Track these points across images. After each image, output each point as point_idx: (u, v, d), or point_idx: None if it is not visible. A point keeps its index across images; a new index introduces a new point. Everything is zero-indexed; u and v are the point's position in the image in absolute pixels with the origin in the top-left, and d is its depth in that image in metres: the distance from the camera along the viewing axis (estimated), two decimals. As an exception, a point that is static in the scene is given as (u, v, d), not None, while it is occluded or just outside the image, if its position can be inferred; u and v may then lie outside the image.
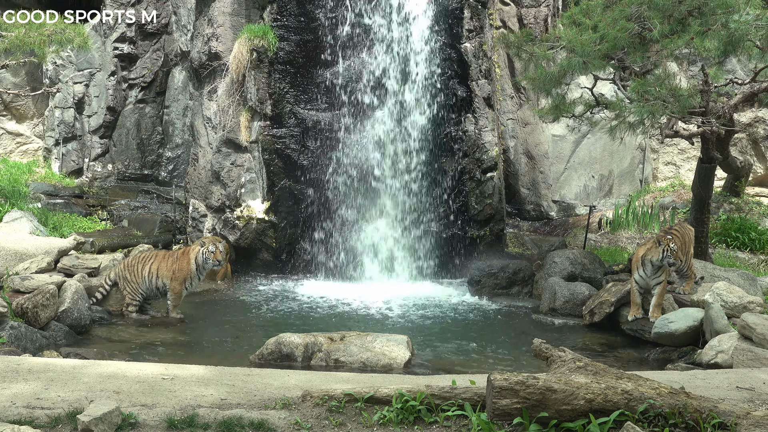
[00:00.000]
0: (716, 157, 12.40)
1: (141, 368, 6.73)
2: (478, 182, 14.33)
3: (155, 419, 5.36)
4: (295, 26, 14.22)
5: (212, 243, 10.77)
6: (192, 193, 14.89)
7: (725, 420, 5.13)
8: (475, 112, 14.38)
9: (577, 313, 11.25)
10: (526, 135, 17.49)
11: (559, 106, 12.51)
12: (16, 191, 14.77)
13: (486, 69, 14.59)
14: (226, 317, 11.09)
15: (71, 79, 17.98)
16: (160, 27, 18.18)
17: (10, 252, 11.39)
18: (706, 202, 12.49)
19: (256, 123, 14.08)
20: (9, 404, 5.44)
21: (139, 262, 10.82)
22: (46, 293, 9.16)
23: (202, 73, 14.96)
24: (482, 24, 14.66)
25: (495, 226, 14.63)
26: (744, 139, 17.72)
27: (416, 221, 14.29)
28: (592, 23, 11.14)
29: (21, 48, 13.11)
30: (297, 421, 5.45)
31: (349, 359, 8.48)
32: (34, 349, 8.39)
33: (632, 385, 5.32)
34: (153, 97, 18.33)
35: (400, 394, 5.62)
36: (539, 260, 13.67)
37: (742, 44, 9.92)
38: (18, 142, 18.66)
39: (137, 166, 18.23)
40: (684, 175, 18.22)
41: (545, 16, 17.15)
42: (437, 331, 10.69)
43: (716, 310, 9.06)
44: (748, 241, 14.51)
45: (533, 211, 17.54)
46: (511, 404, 5.06)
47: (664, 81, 10.49)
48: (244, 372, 6.88)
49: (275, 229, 14.07)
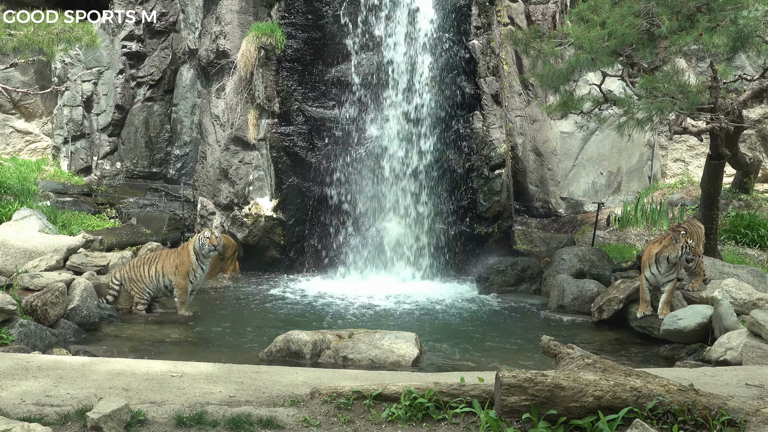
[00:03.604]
0: (725, 153, 12.35)
1: (150, 365, 6.74)
2: (486, 179, 14.31)
3: (164, 416, 5.37)
4: (302, 24, 14.22)
5: (207, 229, 10.96)
6: (200, 190, 14.92)
7: (734, 417, 5.11)
8: (483, 109, 14.36)
9: (586, 311, 11.22)
10: (534, 132, 17.45)
11: (567, 103, 12.47)
12: (25, 189, 14.81)
13: (494, 66, 14.57)
14: (235, 315, 11.11)
15: (80, 78, 18.02)
16: (168, 25, 18.20)
17: (19, 250, 11.43)
18: (715, 199, 12.44)
19: (264, 121, 14.09)
20: (19, 401, 5.46)
21: (144, 263, 10.89)
22: (55, 291, 9.19)
23: (210, 71, 14.98)
24: (490, 21, 14.64)
25: (503, 223, 14.62)
26: (753, 136, 17.64)
27: (424, 218, 14.28)
28: (600, 20, 11.10)
29: (30, 46, 13.12)
30: (305, 419, 5.46)
31: (357, 356, 8.49)
32: (44, 347, 8.41)
33: (641, 382, 5.31)
34: (161, 95, 18.35)
35: (409, 391, 5.62)
36: (547, 257, 13.65)
37: (751, 40, 9.88)
38: (27, 140, 18.72)
39: (146, 164, 18.26)
40: (693, 172, 18.16)
41: (553, 13, 17.11)
42: (445, 328, 10.69)
43: (725, 307, 9.03)
44: (758, 237, 14.46)
45: (541, 208, 17.51)
46: (519, 401, 5.06)
47: (672, 77, 10.45)
48: (253, 369, 6.89)
49: (283, 226, 14.09)
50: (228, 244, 13.29)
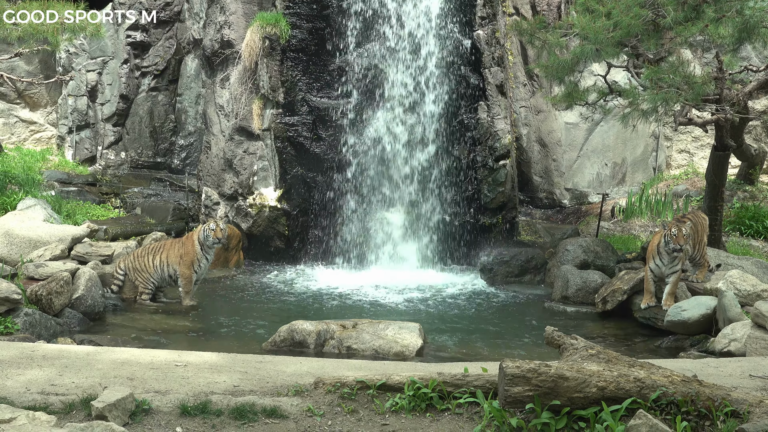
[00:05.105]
0: (730, 144, 12.33)
1: (154, 355, 6.76)
2: (491, 170, 14.29)
3: (168, 405, 5.39)
4: (307, 14, 14.20)
5: (213, 221, 10.92)
6: (205, 180, 14.93)
7: (738, 408, 5.12)
8: (487, 99, 14.33)
9: (590, 301, 11.22)
10: (539, 123, 17.43)
11: (572, 94, 12.45)
12: (30, 179, 14.83)
13: (499, 56, 14.53)
14: (239, 304, 11.13)
15: (84, 67, 18.02)
16: (173, 15, 18.17)
17: (24, 239, 11.46)
18: (720, 190, 12.42)
19: (269, 111, 14.09)
20: (24, 390, 5.48)
21: (149, 253, 10.90)
22: (60, 280, 9.21)
23: (214, 60, 14.98)
24: (495, 11, 14.60)
25: (507, 214, 14.60)
26: (758, 127, 17.60)
27: (428, 209, 14.27)
28: (605, 10, 11.06)
29: (34, 36, 13.12)
30: (309, 408, 5.47)
31: (361, 347, 8.50)
32: (49, 336, 8.45)
33: (644, 373, 5.32)
34: (166, 85, 18.35)
35: (412, 381, 5.64)
36: (552, 248, 13.64)
37: (757, 31, 9.83)
38: (32, 130, 18.73)
39: (150, 154, 18.27)
40: (698, 163, 18.12)
41: (558, 3, 17.06)
42: (449, 318, 10.69)
43: (729, 299, 9.03)
44: (762, 229, 14.42)
45: (546, 199, 17.50)
46: (523, 392, 5.07)
47: (677, 68, 10.43)
48: (257, 359, 6.91)
49: (288, 216, 14.10)
50: (232, 234, 13.30)
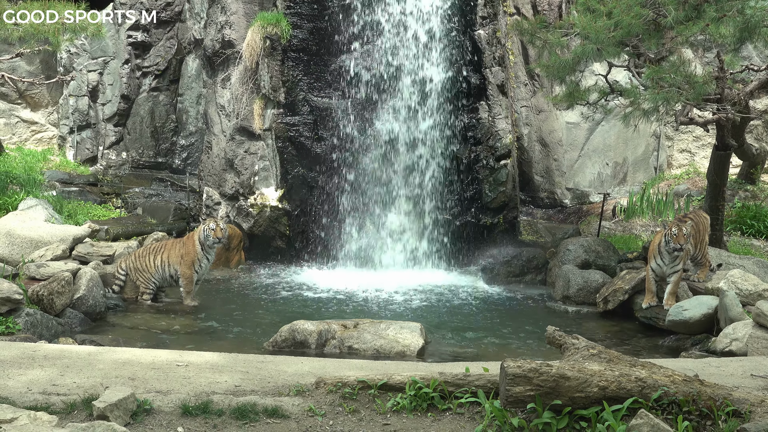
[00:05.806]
0: (731, 144, 12.32)
1: (155, 355, 6.77)
2: (492, 170, 14.29)
3: (170, 405, 5.39)
4: (308, 13, 14.19)
5: (213, 221, 10.90)
6: (206, 180, 14.93)
7: (739, 408, 5.12)
8: (488, 99, 14.33)
9: (591, 301, 11.22)
10: (540, 122, 17.42)
11: (573, 94, 12.44)
12: (31, 179, 14.84)
13: (500, 56, 14.53)
14: (240, 304, 11.13)
15: (85, 68, 18.02)
16: (174, 15, 18.16)
17: (25, 239, 11.47)
18: (721, 190, 12.42)
19: (270, 111, 14.09)
20: (25, 390, 5.49)
21: (150, 253, 10.91)
22: (61, 280, 9.22)
23: (215, 61, 14.98)
24: (496, 11, 14.60)
25: (508, 214, 14.60)
26: (760, 126, 17.59)
27: (429, 209, 14.27)
28: (606, 10, 11.06)
29: (35, 36, 13.12)
30: (311, 408, 5.48)
31: (362, 346, 8.50)
32: (50, 336, 8.45)
33: (646, 373, 5.32)
34: (167, 85, 18.34)
35: (414, 381, 5.64)
36: (553, 248, 13.64)
37: (758, 30, 9.82)
38: (33, 130, 18.73)
39: (151, 154, 18.27)
40: (699, 163, 18.11)
41: (559, 3, 17.05)
42: (451, 318, 10.70)
43: (731, 298, 9.03)
44: (764, 228, 14.42)
45: (547, 199, 17.49)
46: (524, 391, 5.07)
47: (679, 68, 10.42)
48: (258, 359, 6.91)
49: (289, 216, 14.09)
50: (233, 234, 13.31)
